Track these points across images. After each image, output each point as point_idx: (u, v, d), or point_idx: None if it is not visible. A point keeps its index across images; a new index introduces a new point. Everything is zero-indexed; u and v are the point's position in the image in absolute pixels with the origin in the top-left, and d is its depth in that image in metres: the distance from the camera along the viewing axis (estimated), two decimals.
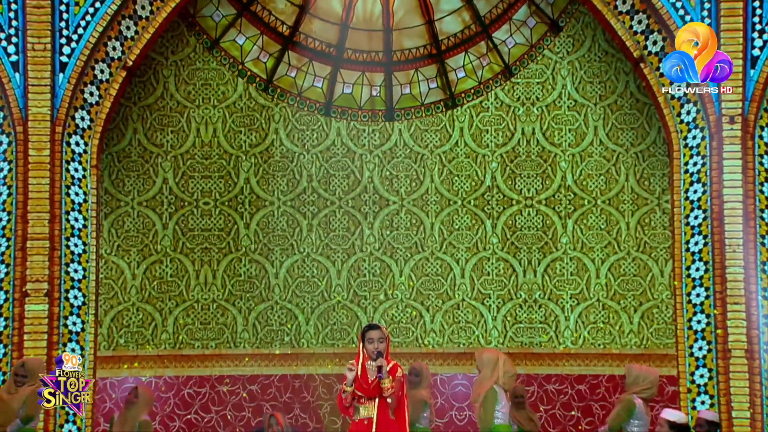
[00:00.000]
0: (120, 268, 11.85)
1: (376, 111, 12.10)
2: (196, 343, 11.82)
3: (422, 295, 11.99)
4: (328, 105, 12.09)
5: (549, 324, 11.89)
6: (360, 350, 7.47)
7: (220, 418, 11.69)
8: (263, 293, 11.92)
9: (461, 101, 12.05)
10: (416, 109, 12.09)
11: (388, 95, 12.11)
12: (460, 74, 12.10)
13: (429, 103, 12.09)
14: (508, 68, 12.02)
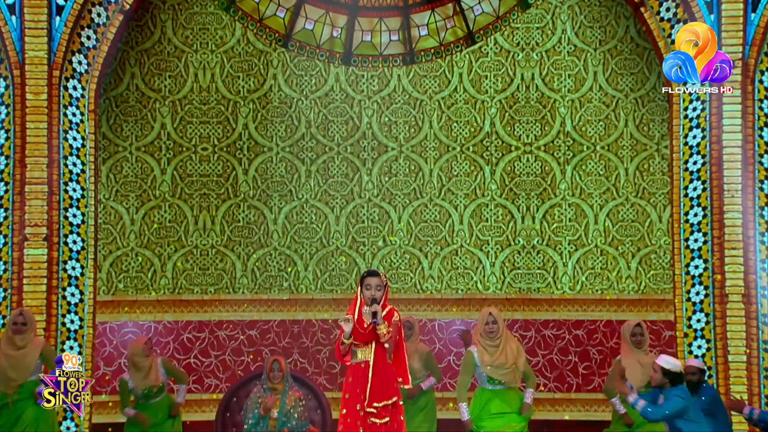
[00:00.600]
0: (119, 214, 11.83)
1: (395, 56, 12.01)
2: (195, 288, 11.83)
3: (421, 241, 12.00)
4: (349, 54, 12.00)
5: (547, 270, 11.90)
6: (358, 295, 7.47)
7: (219, 363, 11.71)
8: (262, 239, 11.91)
9: (480, 38, 11.93)
10: (436, 50, 11.99)
11: (407, 38, 11.99)
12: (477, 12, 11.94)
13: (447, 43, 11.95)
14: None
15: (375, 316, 7.23)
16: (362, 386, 7.33)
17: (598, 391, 11.50)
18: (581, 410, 11.58)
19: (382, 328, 7.25)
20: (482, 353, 8.55)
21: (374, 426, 7.26)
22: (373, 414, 7.26)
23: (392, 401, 7.33)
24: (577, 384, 11.66)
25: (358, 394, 7.34)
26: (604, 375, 11.56)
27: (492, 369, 8.54)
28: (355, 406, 7.33)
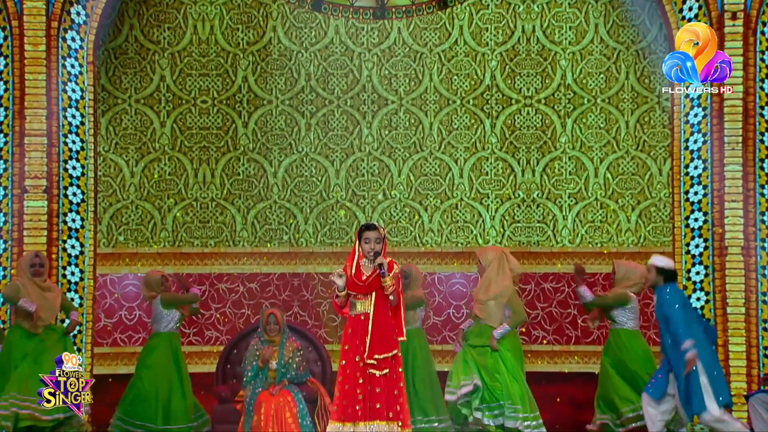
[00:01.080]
0: (118, 166, 11.79)
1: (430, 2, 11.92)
2: (195, 241, 11.79)
3: (421, 195, 11.95)
4: (383, 7, 11.93)
5: (547, 223, 11.86)
6: (355, 248, 7.49)
7: (219, 315, 11.71)
8: (262, 192, 11.88)
9: None
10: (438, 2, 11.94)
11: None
12: None
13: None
14: None
15: (381, 267, 7.27)
16: (362, 338, 7.38)
17: (597, 343, 11.53)
18: (580, 362, 11.57)
19: (387, 281, 7.29)
20: None
21: (374, 377, 7.33)
22: (373, 366, 7.32)
23: (392, 354, 7.38)
24: (576, 336, 11.64)
25: (357, 345, 7.39)
26: (603, 327, 11.54)
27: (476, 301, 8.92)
28: (354, 357, 7.38)
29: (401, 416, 7.36)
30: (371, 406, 7.29)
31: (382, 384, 7.32)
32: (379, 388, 7.31)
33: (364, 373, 7.32)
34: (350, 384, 7.35)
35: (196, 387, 10.33)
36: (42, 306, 8.88)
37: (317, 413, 9.56)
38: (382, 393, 7.30)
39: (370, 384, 7.32)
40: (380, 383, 7.32)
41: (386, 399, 7.31)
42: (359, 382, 7.33)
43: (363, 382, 7.32)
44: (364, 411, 7.30)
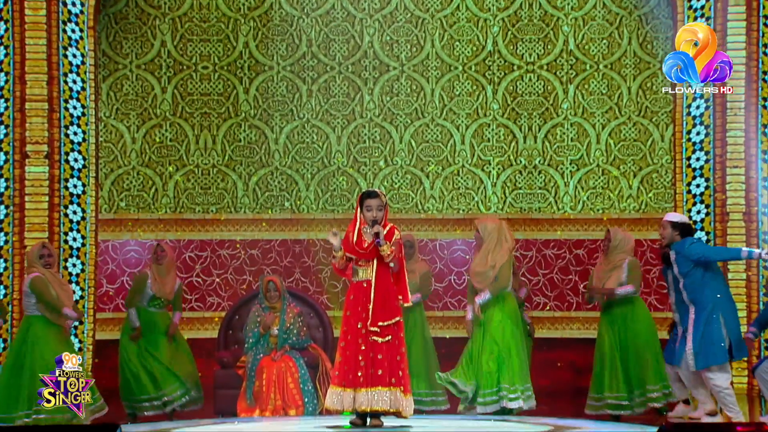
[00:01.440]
0: (119, 132, 11.77)
1: None
2: (196, 207, 11.80)
3: (422, 162, 11.92)
4: None
5: (548, 190, 11.85)
6: (357, 215, 7.47)
7: (221, 282, 11.73)
8: (263, 159, 11.85)
9: None
10: None
11: None
12: None
13: None
14: None
15: (378, 236, 7.25)
16: (364, 305, 7.38)
17: (597, 309, 11.52)
18: (581, 328, 11.57)
19: (385, 249, 7.29)
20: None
21: (376, 344, 7.33)
22: (376, 333, 7.33)
23: (395, 320, 7.40)
24: (577, 303, 11.66)
25: (359, 312, 7.38)
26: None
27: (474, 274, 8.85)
28: (356, 324, 7.38)
29: (403, 382, 7.36)
30: (373, 372, 7.28)
31: (385, 351, 7.31)
32: (381, 355, 7.30)
33: (366, 340, 7.32)
34: (351, 350, 7.35)
35: (198, 352, 10.37)
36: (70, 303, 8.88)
37: (319, 378, 9.56)
38: (384, 359, 7.30)
39: (372, 351, 7.30)
40: (382, 350, 7.31)
41: (388, 365, 7.30)
42: (361, 348, 7.32)
43: (365, 349, 7.31)
44: (366, 377, 7.29)
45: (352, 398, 7.31)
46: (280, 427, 8.03)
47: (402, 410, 7.32)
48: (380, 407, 7.26)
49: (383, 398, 7.25)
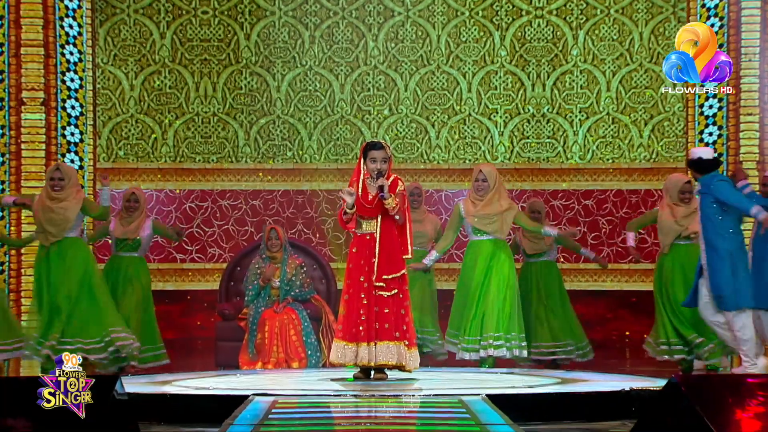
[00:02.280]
0: (117, 79, 11.76)
1: None
2: (196, 156, 11.84)
3: (428, 110, 11.93)
4: None
5: (557, 139, 11.84)
6: (360, 166, 7.41)
7: (222, 233, 11.79)
8: (265, 107, 11.86)
9: None
10: None
11: None
12: None
13: None
14: None
15: (382, 189, 7.20)
16: (367, 259, 7.35)
17: (607, 261, 11.54)
18: (589, 280, 11.65)
19: (390, 202, 7.22)
20: (468, 204, 8.78)
21: (381, 298, 7.30)
22: (381, 287, 7.30)
23: (400, 274, 7.36)
24: None
25: (362, 265, 7.36)
26: (613, 245, 11.66)
27: (477, 219, 8.73)
28: (358, 277, 7.36)
29: (407, 335, 7.35)
30: (378, 326, 7.28)
31: (390, 304, 7.31)
32: (387, 309, 7.30)
33: (369, 294, 7.31)
34: (354, 304, 7.34)
35: (199, 304, 10.38)
36: (47, 219, 8.66)
37: (321, 331, 9.57)
38: (390, 313, 7.29)
39: (377, 305, 7.29)
40: (388, 303, 7.31)
41: (394, 319, 7.29)
42: (363, 302, 7.30)
43: (368, 303, 7.29)
44: (369, 331, 7.28)
45: (355, 353, 7.30)
46: (283, 379, 8.01)
47: (406, 364, 7.31)
48: (385, 361, 7.25)
49: (389, 352, 7.25)
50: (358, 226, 7.42)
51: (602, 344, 9.91)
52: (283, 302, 9.52)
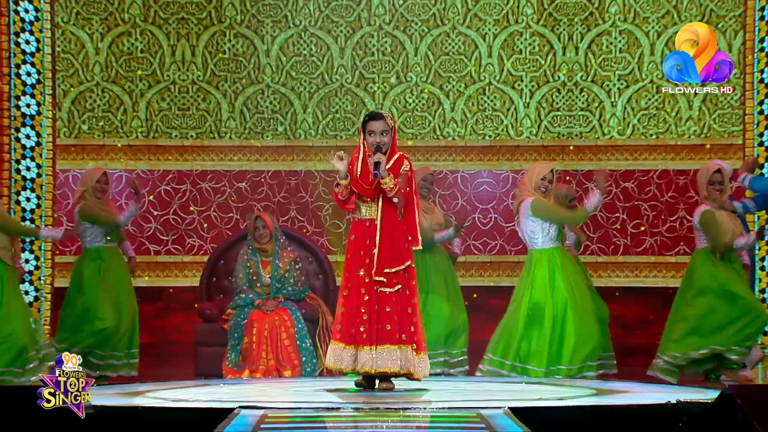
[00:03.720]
0: (80, 41, 11.76)
1: None
2: (173, 132, 11.84)
3: (441, 78, 11.91)
4: None
5: (592, 111, 11.87)
6: (361, 143, 7.46)
7: (203, 219, 11.80)
8: (252, 74, 11.87)
9: None
10: None
11: None
12: None
13: None
14: None
15: (377, 167, 7.21)
16: (367, 249, 7.38)
17: (649, 253, 11.64)
18: (629, 276, 11.66)
19: (387, 182, 7.24)
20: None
21: (383, 296, 7.32)
22: (383, 283, 7.31)
23: (405, 266, 7.36)
24: (625, 245, 11.72)
25: (362, 257, 7.39)
26: (657, 235, 11.70)
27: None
28: (357, 270, 7.39)
29: (415, 338, 7.36)
30: (379, 328, 7.30)
31: (393, 302, 7.31)
32: (390, 307, 7.30)
33: (370, 290, 7.33)
34: (354, 301, 7.36)
35: (175, 303, 10.41)
36: None
37: (318, 334, 9.68)
38: (393, 312, 7.30)
39: (378, 303, 7.31)
40: (390, 301, 7.31)
41: (398, 319, 7.31)
42: (364, 299, 7.32)
43: (369, 300, 7.31)
44: (370, 333, 7.31)
45: (354, 357, 7.33)
46: (274, 390, 8.05)
47: (414, 371, 7.33)
48: (387, 368, 7.28)
49: (391, 358, 7.26)
50: (356, 209, 7.46)
51: (644, 350, 9.86)
52: (274, 301, 9.59)
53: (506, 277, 11.58)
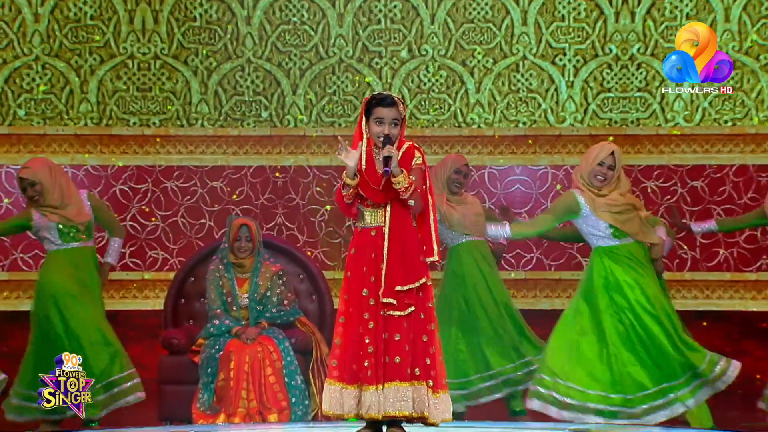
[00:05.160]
0: (16, 5, 11.80)
1: None
2: (131, 118, 11.88)
3: (464, 51, 11.93)
4: None
5: (652, 92, 11.90)
6: (360, 130, 7.40)
7: (167, 227, 11.85)
8: (229, 47, 11.91)
9: None
10: None
11: None
12: None
13: None
14: None
15: (387, 162, 7.16)
16: (372, 263, 7.33)
17: (723, 269, 11.82)
18: (699, 297, 11.67)
19: (401, 180, 7.18)
20: (591, 198, 9.04)
21: (392, 321, 7.25)
22: (392, 305, 7.22)
23: (419, 283, 7.29)
24: (693, 259, 11.76)
25: (365, 274, 7.34)
26: (733, 246, 11.77)
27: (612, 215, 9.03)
28: (360, 290, 7.33)
29: (432, 373, 7.31)
30: (388, 361, 7.25)
31: (404, 328, 7.23)
32: (400, 335, 7.21)
33: (376, 315, 7.26)
34: (355, 329, 7.31)
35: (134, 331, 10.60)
36: None
37: (312, 369, 9.70)
38: (403, 341, 7.21)
39: (386, 330, 7.23)
40: (401, 328, 7.23)
41: (410, 350, 7.24)
42: (369, 327, 7.26)
43: (375, 327, 7.24)
44: (377, 369, 7.26)
45: (357, 399, 7.29)
46: None
47: (428, 414, 7.26)
48: (397, 411, 7.21)
49: (401, 398, 7.21)
50: (359, 216, 7.42)
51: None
52: (256, 327, 9.60)
53: (545, 298, 11.69)
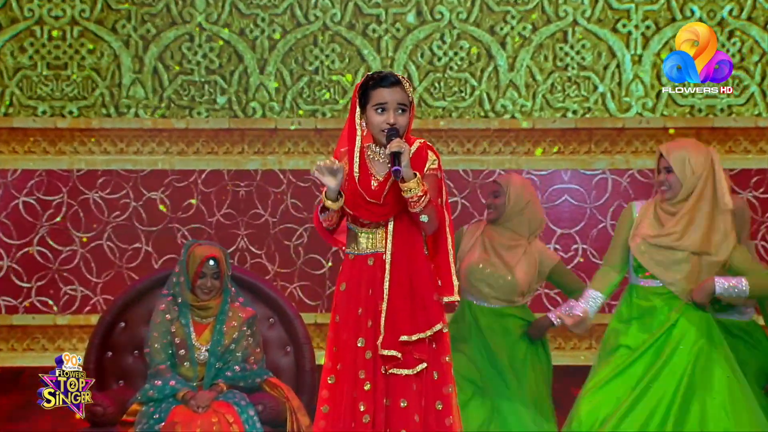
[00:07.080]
0: None
1: None
2: (41, 106, 12.00)
3: (493, 15, 12.09)
4: None
5: (748, 70, 12.09)
6: (353, 121, 7.53)
7: (89, 254, 11.94)
8: (173, 8, 12.10)
9: None
10: None
11: None
12: None
13: None
14: None
15: (397, 161, 7.20)
16: (368, 302, 7.46)
17: None
18: None
19: (412, 186, 7.22)
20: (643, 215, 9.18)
21: (397, 382, 7.39)
22: (396, 361, 7.33)
23: (432, 331, 7.40)
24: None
25: (359, 316, 7.46)
26: None
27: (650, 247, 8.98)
28: (354, 340, 7.46)
29: None
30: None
31: (413, 393, 7.38)
32: (407, 401, 7.35)
33: (374, 373, 7.41)
34: (346, 392, 7.43)
35: None
36: None
37: None
38: (412, 408, 7.36)
39: (388, 394, 7.39)
40: (408, 391, 7.37)
41: (422, 420, 7.39)
42: (364, 388, 7.39)
43: (372, 389, 7.39)
44: None
45: None
46: None
47: None
48: None
49: None
50: (350, 240, 7.55)
51: None
52: (212, 390, 9.61)
53: (596, 340, 11.80)
